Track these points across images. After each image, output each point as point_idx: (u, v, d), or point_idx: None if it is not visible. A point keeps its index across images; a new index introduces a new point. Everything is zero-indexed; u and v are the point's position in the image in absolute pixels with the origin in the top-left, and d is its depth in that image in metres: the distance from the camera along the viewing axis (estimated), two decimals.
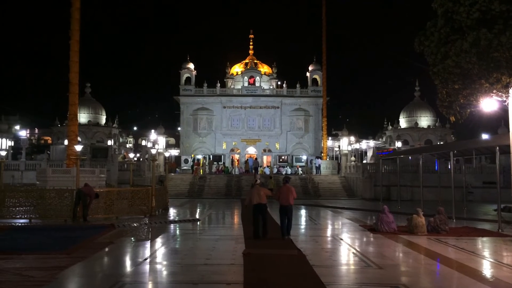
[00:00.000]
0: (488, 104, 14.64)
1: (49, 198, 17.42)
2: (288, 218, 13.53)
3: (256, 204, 13.27)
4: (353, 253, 11.81)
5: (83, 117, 43.12)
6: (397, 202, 25.73)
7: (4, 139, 42.33)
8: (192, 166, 43.13)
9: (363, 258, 10.73)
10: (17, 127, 56.77)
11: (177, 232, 15.66)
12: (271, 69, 56.47)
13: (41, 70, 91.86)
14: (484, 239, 13.92)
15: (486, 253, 11.98)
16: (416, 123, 44.13)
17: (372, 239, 13.82)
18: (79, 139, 26.79)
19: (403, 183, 29.42)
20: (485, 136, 34.47)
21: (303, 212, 23.68)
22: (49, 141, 59.21)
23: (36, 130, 69.84)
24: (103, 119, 46.18)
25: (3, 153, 30.52)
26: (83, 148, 25.86)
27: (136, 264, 10.24)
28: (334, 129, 54.95)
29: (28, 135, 55.82)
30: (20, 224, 16.27)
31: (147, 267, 9.90)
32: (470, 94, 14.62)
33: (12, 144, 42.81)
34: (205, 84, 51.71)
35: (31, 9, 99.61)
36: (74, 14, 23.00)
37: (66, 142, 29.82)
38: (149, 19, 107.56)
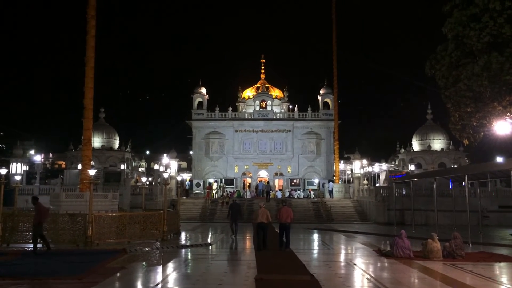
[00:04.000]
0: (502, 127, 14.54)
1: (62, 222, 17.49)
2: (286, 234, 16.19)
3: (259, 223, 16.18)
4: (367, 278, 11.61)
5: (96, 142, 43.59)
6: (411, 227, 25.34)
7: (19, 164, 42.85)
8: (186, 190, 43.28)
9: (378, 284, 10.54)
10: (32, 152, 57.54)
11: (189, 256, 15.58)
12: (283, 92, 56.84)
13: (56, 96, 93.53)
14: (502, 264, 13.62)
15: (504, 279, 11.70)
16: (429, 146, 43.77)
17: (386, 264, 13.59)
18: (92, 163, 27.00)
19: (417, 207, 29.03)
20: (499, 159, 34.06)
21: (315, 236, 23.42)
22: (63, 166, 59.86)
23: (51, 155, 70.74)
24: (116, 144, 46.61)
25: (18, 178, 30.80)
26: (96, 172, 25.93)
27: None
28: (346, 152, 54.68)
29: (42, 159, 56.54)
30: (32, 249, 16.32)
31: None
32: (483, 117, 14.57)
33: (27, 169, 43.27)
34: (217, 108, 52.16)
35: (46, 35, 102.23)
36: (89, 41, 23.51)
37: (79, 166, 30.09)
38: (162, 44, 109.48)
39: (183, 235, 21.85)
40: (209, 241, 19.71)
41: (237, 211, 21.89)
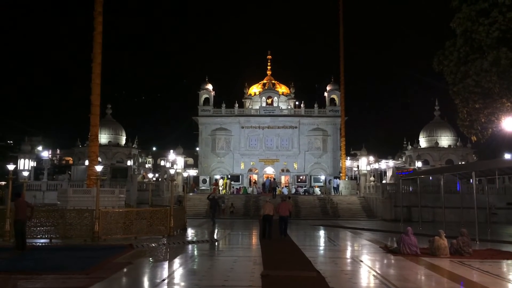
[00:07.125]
0: (510, 124, 14.37)
1: (69, 218, 17.58)
2: (284, 224, 19.07)
3: (265, 215, 18.55)
4: (374, 275, 11.58)
5: (103, 138, 43.72)
6: (418, 223, 25.22)
7: (27, 160, 43.14)
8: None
9: (384, 281, 10.49)
10: (40, 148, 57.80)
11: (195, 252, 15.62)
12: (289, 89, 56.67)
13: (63, 92, 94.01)
14: (509, 262, 13.52)
15: None
16: (437, 143, 43.50)
17: (393, 261, 13.53)
18: (99, 159, 27.11)
19: (424, 204, 28.87)
20: (508, 156, 33.78)
21: (321, 233, 23.40)
22: (70, 162, 60.06)
23: (58, 151, 71.04)
24: (123, 140, 46.74)
25: (26, 174, 31.04)
26: (103, 168, 26.16)
27: (154, 285, 10.22)
28: (352, 149, 54.52)
29: (50, 155, 56.73)
30: (40, 244, 16.44)
31: None
32: (491, 113, 14.44)
33: (35, 165, 43.55)
34: (224, 105, 52.12)
35: (53, 31, 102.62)
36: (96, 38, 23.54)
37: (87, 162, 30.18)
38: (169, 40, 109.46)
39: (189, 231, 21.90)
40: (215, 237, 19.75)
41: (215, 205, 27.02)
